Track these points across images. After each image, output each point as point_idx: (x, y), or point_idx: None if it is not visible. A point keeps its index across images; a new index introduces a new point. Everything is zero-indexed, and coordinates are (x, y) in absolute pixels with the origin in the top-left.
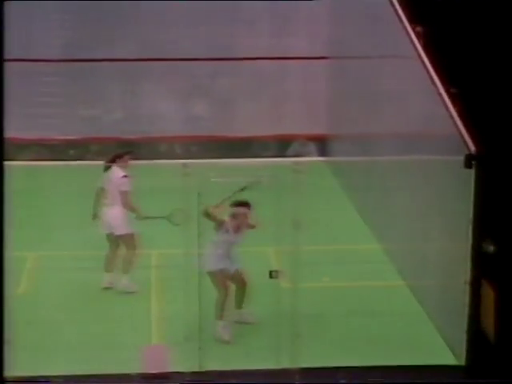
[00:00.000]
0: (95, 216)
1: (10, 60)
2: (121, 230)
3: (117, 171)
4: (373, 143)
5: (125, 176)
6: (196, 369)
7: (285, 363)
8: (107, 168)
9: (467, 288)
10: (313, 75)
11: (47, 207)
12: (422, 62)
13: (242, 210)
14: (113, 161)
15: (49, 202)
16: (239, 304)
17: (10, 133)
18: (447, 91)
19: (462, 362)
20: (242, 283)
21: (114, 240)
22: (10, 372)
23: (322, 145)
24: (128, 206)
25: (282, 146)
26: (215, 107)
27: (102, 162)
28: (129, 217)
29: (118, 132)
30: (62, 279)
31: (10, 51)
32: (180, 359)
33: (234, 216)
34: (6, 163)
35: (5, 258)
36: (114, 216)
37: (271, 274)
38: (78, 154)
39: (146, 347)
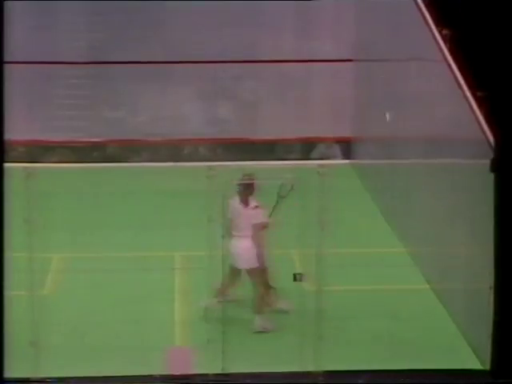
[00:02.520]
0: None
1: (35, 62)
2: (250, 264)
3: (247, 201)
4: (398, 146)
5: (256, 206)
6: (219, 371)
7: (308, 366)
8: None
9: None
10: (338, 78)
11: (71, 209)
12: (449, 64)
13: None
14: (246, 190)
15: (73, 204)
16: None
17: (35, 135)
18: (473, 94)
19: (487, 366)
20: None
21: (238, 273)
22: (35, 373)
23: (347, 147)
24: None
25: (306, 148)
26: (240, 110)
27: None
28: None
29: (142, 134)
30: (86, 281)
31: (36, 54)
32: (203, 361)
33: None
34: (32, 165)
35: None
36: (245, 249)
37: (295, 277)
38: (102, 156)
39: (170, 349)
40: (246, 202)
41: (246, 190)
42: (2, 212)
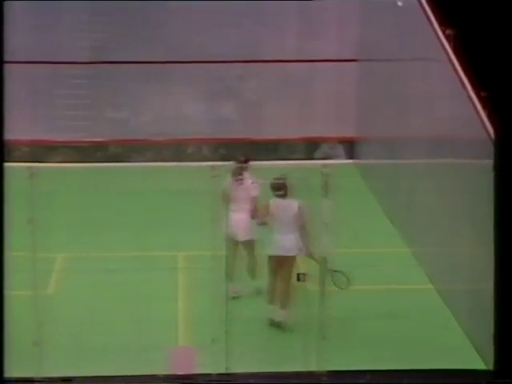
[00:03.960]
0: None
1: (38, 62)
2: (246, 236)
3: (246, 177)
4: (402, 146)
5: (253, 182)
6: (223, 371)
7: (312, 366)
8: (236, 172)
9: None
10: (342, 78)
11: (75, 209)
12: (452, 64)
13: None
14: (241, 167)
15: (76, 204)
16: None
17: (38, 135)
18: (477, 94)
19: (491, 366)
20: None
21: (235, 246)
22: (39, 373)
23: (351, 147)
24: (254, 212)
25: (310, 148)
26: (243, 109)
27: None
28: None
29: (145, 134)
30: (90, 280)
31: (39, 54)
32: (207, 361)
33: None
34: (36, 165)
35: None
36: (241, 221)
37: (298, 277)
38: (105, 156)
39: (174, 349)
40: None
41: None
42: (2, 212)
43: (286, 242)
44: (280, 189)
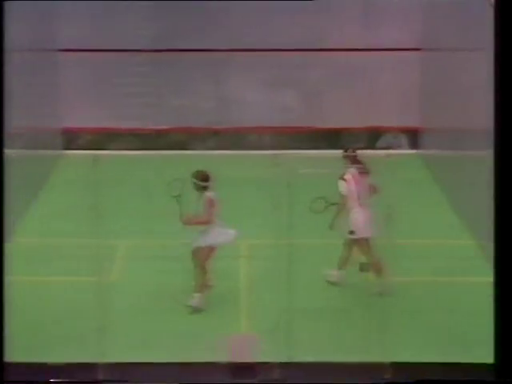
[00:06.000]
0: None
1: (101, 50)
2: (362, 233)
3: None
4: (467, 136)
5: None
6: (284, 359)
7: (376, 357)
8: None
9: None
10: (406, 67)
11: (137, 196)
12: None
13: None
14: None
15: (139, 191)
16: None
17: (102, 123)
18: None
19: None
20: None
21: (352, 242)
22: (102, 358)
23: (414, 137)
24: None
25: (372, 137)
26: (305, 98)
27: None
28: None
29: (206, 122)
30: (152, 267)
31: (102, 42)
32: (268, 349)
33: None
34: (98, 152)
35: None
36: (359, 218)
37: (362, 267)
38: (167, 144)
39: (235, 336)
40: None
41: None
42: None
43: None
44: None
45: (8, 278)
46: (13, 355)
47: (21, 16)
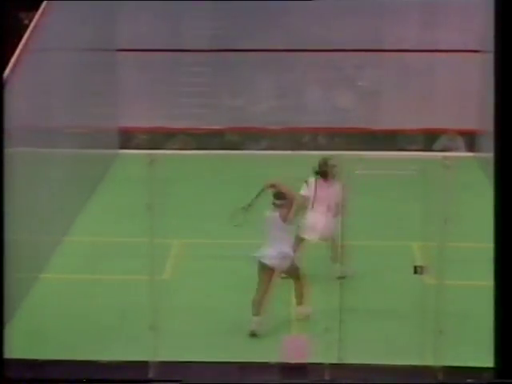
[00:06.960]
0: None
1: (158, 50)
2: (304, 234)
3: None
4: None
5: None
6: (335, 361)
7: (428, 360)
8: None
9: None
10: (464, 69)
11: (191, 196)
12: None
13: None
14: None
15: (193, 191)
16: None
17: (158, 122)
18: None
19: None
20: None
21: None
22: (154, 357)
23: (472, 140)
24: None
25: (428, 139)
26: (361, 99)
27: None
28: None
29: (261, 122)
30: (205, 266)
31: (159, 42)
32: (319, 350)
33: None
34: (154, 152)
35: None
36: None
37: (416, 270)
38: (222, 144)
39: (287, 337)
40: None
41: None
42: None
43: None
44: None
45: (65, 276)
46: (66, 353)
47: (80, 16)
